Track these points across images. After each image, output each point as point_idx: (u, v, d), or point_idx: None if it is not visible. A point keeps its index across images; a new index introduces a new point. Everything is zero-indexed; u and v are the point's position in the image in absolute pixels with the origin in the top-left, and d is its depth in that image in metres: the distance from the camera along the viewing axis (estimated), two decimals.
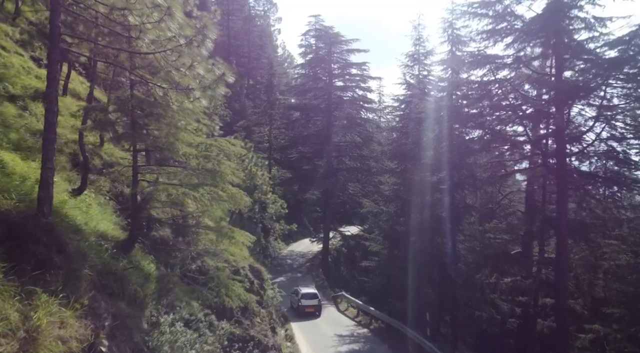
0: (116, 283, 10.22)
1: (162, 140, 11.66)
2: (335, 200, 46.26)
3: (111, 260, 10.68)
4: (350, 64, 47.27)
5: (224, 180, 13.09)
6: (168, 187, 11.28)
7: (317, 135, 47.33)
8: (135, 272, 11.02)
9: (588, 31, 20.01)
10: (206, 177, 12.67)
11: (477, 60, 20.66)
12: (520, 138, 21.60)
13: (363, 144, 46.30)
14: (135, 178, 12.03)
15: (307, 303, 29.42)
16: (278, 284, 36.98)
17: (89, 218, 12.03)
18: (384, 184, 35.77)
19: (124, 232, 12.04)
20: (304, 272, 43.83)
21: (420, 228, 28.04)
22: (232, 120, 50.64)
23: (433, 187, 27.86)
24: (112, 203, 13.49)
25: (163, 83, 10.30)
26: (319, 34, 48.11)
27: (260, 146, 54.13)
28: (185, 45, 9.39)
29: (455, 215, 27.10)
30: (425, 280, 26.96)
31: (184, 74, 9.88)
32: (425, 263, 26.82)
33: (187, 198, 11.59)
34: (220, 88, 10.48)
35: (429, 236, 27.83)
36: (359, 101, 47.66)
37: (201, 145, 12.73)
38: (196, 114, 12.35)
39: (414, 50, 32.39)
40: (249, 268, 26.16)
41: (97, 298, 9.15)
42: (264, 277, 29.14)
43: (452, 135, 26.97)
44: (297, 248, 51.76)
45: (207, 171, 12.61)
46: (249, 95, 57.50)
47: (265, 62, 55.36)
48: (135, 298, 10.41)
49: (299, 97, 52.16)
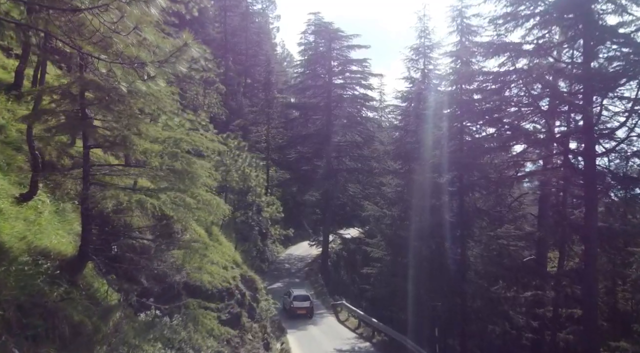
0: (45, 320, 7.61)
1: (113, 133, 9.05)
2: (335, 201, 43.73)
3: (46, 287, 8.08)
4: (350, 61, 44.66)
5: (195, 183, 10.46)
6: (119, 193, 8.63)
7: (317, 135, 44.79)
8: (75, 303, 8.40)
9: (618, 15, 17.36)
10: (173, 180, 10.05)
11: (495, 48, 17.96)
12: (541, 135, 18.87)
13: (364, 143, 43.70)
14: (86, 181, 9.44)
15: (299, 305, 28.23)
16: (275, 291, 34.75)
17: (33, 231, 9.49)
18: (386, 186, 33.11)
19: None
20: (302, 277, 41.25)
21: (426, 234, 25.36)
22: (228, 119, 48.08)
23: (440, 189, 25.17)
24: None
25: (108, 56, 7.63)
26: (318, 30, 45.46)
27: (257, 146, 51.58)
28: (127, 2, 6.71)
29: (465, 220, 24.42)
30: (432, 290, 24.27)
31: (130, 43, 7.20)
32: (432, 272, 24.14)
33: (145, 204, 8.93)
34: (181, 63, 7.72)
35: (436, 242, 25.18)
36: (360, 99, 44.99)
37: (168, 141, 10.09)
38: (160, 100, 9.71)
39: (418, 43, 29.73)
40: (239, 279, 23.60)
41: (8, 347, 6.61)
42: (257, 286, 26.54)
43: (462, 133, 24.33)
44: (296, 251, 49.20)
45: (174, 172, 9.96)
46: (247, 94, 54.88)
47: (263, 59, 52.69)
48: (71, 342, 7.76)
49: (298, 96, 49.56)
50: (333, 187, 42.42)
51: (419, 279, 24.67)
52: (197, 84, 38.26)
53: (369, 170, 43.44)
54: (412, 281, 24.67)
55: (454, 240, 24.72)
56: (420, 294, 24.89)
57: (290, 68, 69.39)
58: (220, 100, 42.18)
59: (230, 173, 27.53)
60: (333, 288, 39.37)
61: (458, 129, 24.26)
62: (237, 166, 27.67)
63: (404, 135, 30.30)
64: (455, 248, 25.11)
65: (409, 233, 25.68)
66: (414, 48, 29.78)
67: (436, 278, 24.31)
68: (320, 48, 45.80)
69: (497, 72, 18.76)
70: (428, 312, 24.67)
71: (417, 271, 24.84)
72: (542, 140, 18.63)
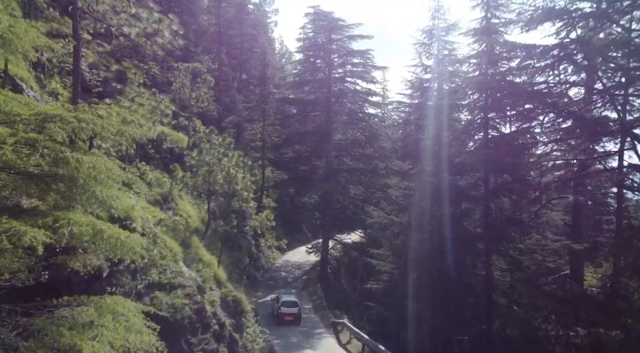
0: None
1: None
2: (335, 204, 38.91)
3: None
4: (352, 52, 39.79)
5: (96, 197, 5.75)
6: None
7: (316, 133, 40.04)
8: None
9: None
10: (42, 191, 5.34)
11: (543, 14, 13.18)
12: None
13: (367, 141, 38.88)
14: None
15: (287, 311, 26.50)
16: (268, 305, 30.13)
17: None
18: (392, 188, 28.31)
19: None
20: (299, 286, 36.44)
21: (443, 247, 20.62)
22: (221, 116, 43.39)
23: (461, 194, 20.43)
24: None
25: None
26: (317, 19, 40.59)
27: (252, 145, 46.84)
28: None
29: (491, 231, 19.68)
30: (451, 315, 19.50)
31: None
32: (452, 293, 19.39)
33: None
34: None
35: (454, 257, 20.41)
36: (362, 94, 40.12)
37: (33, 119, 5.40)
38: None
39: (431, 25, 24.83)
40: (219, 303, 18.88)
41: None
42: (244, 308, 21.81)
43: (486, 126, 19.59)
44: (293, 257, 44.45)
45: (45, 178, 5.26)
46: (242, 90, 50.10)
47: (259, 52, 47.92)
48: None
49: (296, 91, 44.73)
50: (333, 189, 37.75)
51: (434, 301, 19.95)
52: (184, 75, 33.71)
53: (372, 170, 38.78)
54: (426, 303, 19.92)
55: (476, 255, 19.96)
56: (436, 318, 20.16)
57: (289, 64, 64.62)
58: (211, 94, 37.53)
59: (213, 174, 22.88)
60: (333, 298, 34.92)
61: (482, 121, 19.50)
62: (221, 166, 22.98)
63: (415, 131, 25.44)
64: (479, 264, 20.39)
65: (422, 246, 20.86)
66: (426, 30, 24.89)
67: (457, 300, 19.55)
68: (319, 39, 40.99)
69: (543, 47, 13.96)
70: (447, 340, 19.90)
71: (433, 291, 20.12)
72: (613, 131, 13.80)
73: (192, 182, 22.76)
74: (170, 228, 20.76)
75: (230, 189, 22.32)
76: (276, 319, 26.69)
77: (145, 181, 26.10)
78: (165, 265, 16.64)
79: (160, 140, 30.92)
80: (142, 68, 33.12)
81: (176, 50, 20.25)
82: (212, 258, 21.68)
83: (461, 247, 20.19)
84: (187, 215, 26.35)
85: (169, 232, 20.02)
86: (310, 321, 29.10)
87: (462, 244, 20.16)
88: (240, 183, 22.21)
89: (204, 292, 18.06)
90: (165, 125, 32.82)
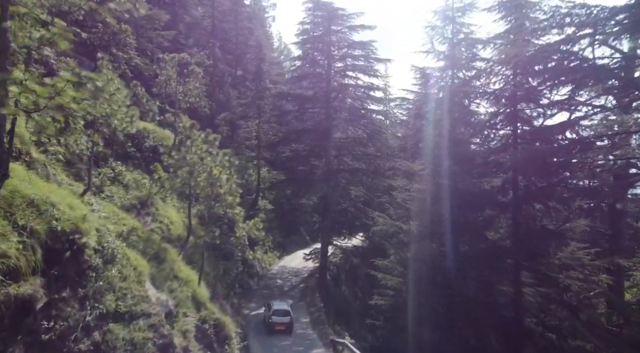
0: None
1: None
2: (335, 206, 35.33)
3: None
4: (353, 44, 36.12)
5: None
6: None
7: (314, 130, 36.43)
8: None
9: None
10: None
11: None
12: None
13: (369, 139, 35.32)
14: None
15: (278, 320, 25.00)
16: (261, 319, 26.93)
17: None
18: (397, 190, 24.63)
19: None
20: (296, 296, 32.85)
21: (461, 262, 17.04)
22: (214, 113, 39.84)
23: (484, 200, 16.81)
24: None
25: None
26: (315, 8, 36.91)
27: (247, 143, 43.32)
28: None
29: (522, 244, 16.06)
30: (478, 348, 15.86)
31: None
32: (479, 321, 15.77)
33: None
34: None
35: (475, 275, 16.82)
36: (364, 88, 36.46)
37: None
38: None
39: (445, 5, 21.23)
40: (195, 333, 15.31)
41: None
42: (228, 333, 18.25)
43: (515, 119, 15.98)
44: (291, 263, 40.90)
45: None
46: (237, 86, 46.51)
47: (254, 45, 44.28)
48: None
49: (294, 86, 41.10)
50: (333, 190, 34.15)
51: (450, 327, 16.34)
52: (170, 66, 30.17)
53: (374, 170, 35.22)
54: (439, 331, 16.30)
55: (503, 272, 16.35)
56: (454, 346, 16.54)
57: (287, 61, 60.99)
58: (202, 89, 33.98)
59: (194, 175, 19.30)
60: (333, 307, 31.41)
61: (510, 113, 15.88)
62: (204, 166, 19.39)
63: (426, 126, 21.79)
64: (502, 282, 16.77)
65: (440, 262, 17.20)
66: (438, 12, 21.30)
67: (480, 326, 15.92)
68: (318, 31, 37.34)
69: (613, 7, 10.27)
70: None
71: (448, 311, 16.54)
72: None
73: (169, 184, 19.27)
74: (143, 239, 17.32)
75: (212, 193, 18.82)
76: (267, 328, 25.26)
77: (122, 183, 22.61)
78: (125, 288, 12.86)
79: (142, 137, 27.39)
80: (121, 57, 29.60)
81: (143, 27, 16.63)
82: (191, 273, 18.10)
83: (484, 262, 16.57)
84: (170, 221, 22.78)
85: (139, 243, 16.58)
86: (307, 338, 25.61)
87: (485, 259, 16.53)
88: (224, 187, 18.67)
89: (175, 319, 14.46)
90: (149, 121, 29.36)
